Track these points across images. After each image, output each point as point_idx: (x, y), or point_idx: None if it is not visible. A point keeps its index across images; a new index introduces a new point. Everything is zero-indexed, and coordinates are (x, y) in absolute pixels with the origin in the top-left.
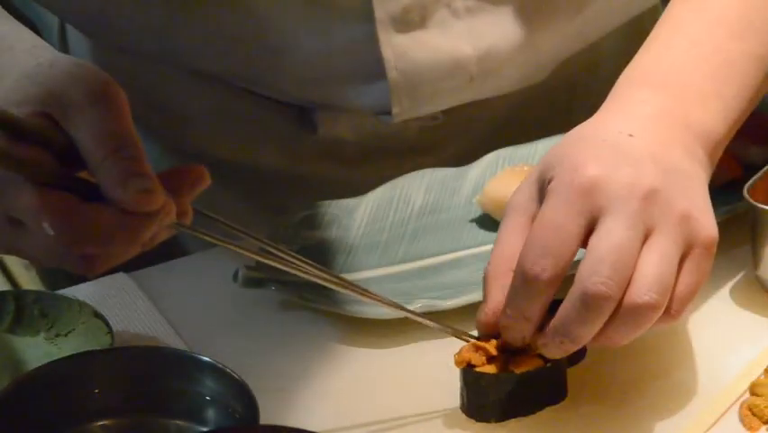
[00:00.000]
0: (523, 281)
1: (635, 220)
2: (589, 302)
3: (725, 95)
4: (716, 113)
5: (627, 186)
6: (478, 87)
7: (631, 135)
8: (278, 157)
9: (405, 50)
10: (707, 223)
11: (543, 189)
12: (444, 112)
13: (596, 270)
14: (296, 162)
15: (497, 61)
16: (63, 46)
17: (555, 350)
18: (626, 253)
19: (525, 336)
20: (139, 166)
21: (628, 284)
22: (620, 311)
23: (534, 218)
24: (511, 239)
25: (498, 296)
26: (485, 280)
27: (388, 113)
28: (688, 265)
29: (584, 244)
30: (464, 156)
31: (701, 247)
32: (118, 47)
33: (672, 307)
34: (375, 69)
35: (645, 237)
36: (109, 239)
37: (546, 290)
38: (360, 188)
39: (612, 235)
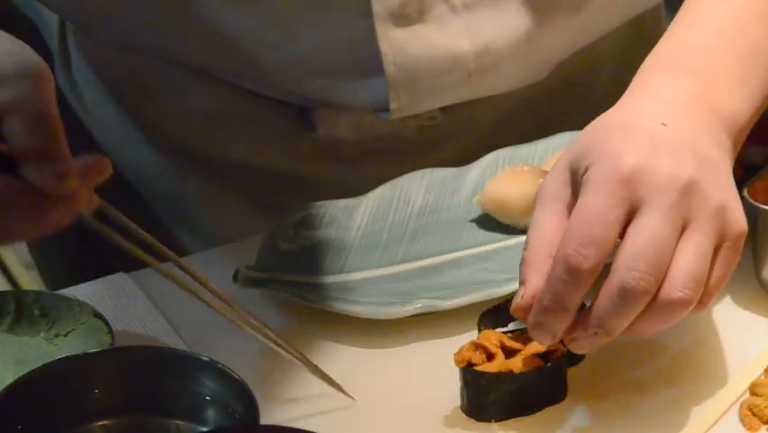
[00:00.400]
0: (564, 270)
1: (674, 213)
2: (627, 297)
3: (751, 80)
4: (741, 99)
5: (668, 177)
6: (476, 83)
7: (665, 124)
8: (277, 157)
9: (403, 45)
10: (739, 215)
11: (576, 176)
12: (443, 111)
13: (634, 265)
14: (295, 162)
15: (495, 58)
16: (62, 45)
17: (586, 343)
18: (663, 248)
19: (558, 331)
20: (57, 148)
21: (664, 278)
22: (654, 305)
23: (568, 204)
24: (548, 224)
25: (537, 280)
26: (523, 264)
27: (387, 110)
28: (720, 258)
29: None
30: (464, 156)
31: (732, 240)
32: (117, 44)
33: (703, 298)
34: (373, 64)
35: (682, 229)
36: (16, 213)
37: (587, 280)
38: (359, 188)
39: (651, 229)
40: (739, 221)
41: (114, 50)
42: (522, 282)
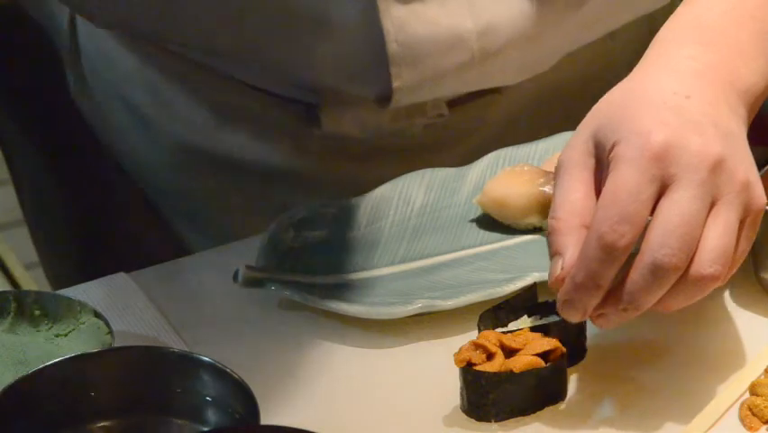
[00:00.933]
0: (599, 248)
1: (704, 190)
2: (659, 273)
3: (767, 52)
4: (757, 70)
5: (698, 154)
6: (480, 67)
7: (688, 97)
8: (283, 155)
9: (404, 22)
10: (760, 190)
11: (600, 148)
12: (451, 109)
13: (667, 241)
14: (302, 160)
15: (498, 39)
16: (73, 42)
17: (615, 319)
18: (694, 225)
19: (589, 307)
20: None
21: (694, 253)
22: (684, 281)
23: (593, 173)
24: (576, 193)
25: (575, 252)
26: (554, 234)
27: (390, 99)
28: (743, 232)
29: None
30: (472, 158)
31: (754, 214)
32: (119, 30)
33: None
34: (377, 50)
35: (711, 206)
36: None
37: (621, 257)
38: (367, 187)
39: (682, 206)
40: (761, 196)
41: (121, 47)
42: (557, 253)
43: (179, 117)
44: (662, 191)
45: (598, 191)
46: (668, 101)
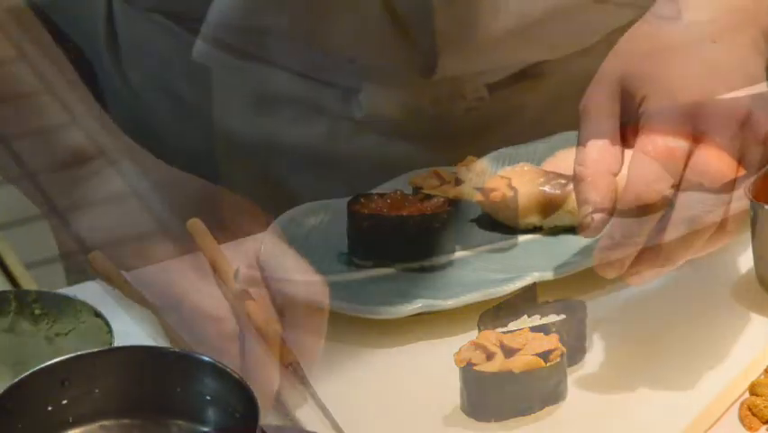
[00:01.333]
0: (637, 207)
1: (733, 144)
2: (696, 228)
3: None
4: None
5: (727, 110)
6: (521, 37)
7: (713, 41)
8: (320, 140)
9: None
10: None
11: (628, 95)
12: (491, 93)
13: (703, 198)
14: (341, 146)
15: (540, 6)
16: (109, 26)
17: (651, 275)
18: (727, 181)
19: (626, 264)
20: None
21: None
22: (717, 232)
23: (618, 118)
24: (602, 140)
25: (603, 200)
26: (582, 183)
27: (434, 69)
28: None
29: None
30: (509, 145)
31: None
32: (155, 10)
33: None
34: (423, 11)
35: (738, 161)
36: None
37: (657, 214)
38: (403, 173)
39: (715, 162)
40: None
41: (159, 32)
42: (585, 202)
43: (214, 101)
44: (693, 146)
45: (623, 136)
46: (693, 47)
